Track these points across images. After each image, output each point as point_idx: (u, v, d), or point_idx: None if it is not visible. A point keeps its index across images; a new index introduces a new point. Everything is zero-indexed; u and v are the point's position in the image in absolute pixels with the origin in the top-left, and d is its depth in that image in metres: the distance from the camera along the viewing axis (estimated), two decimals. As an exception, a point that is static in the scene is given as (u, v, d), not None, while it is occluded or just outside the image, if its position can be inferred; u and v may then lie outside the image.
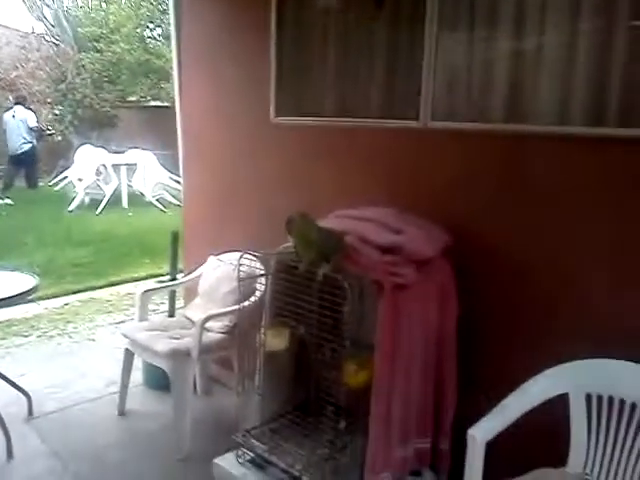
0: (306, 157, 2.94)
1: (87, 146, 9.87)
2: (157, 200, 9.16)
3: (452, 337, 2.28)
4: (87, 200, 9.22)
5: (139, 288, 3.46)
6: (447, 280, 2.26)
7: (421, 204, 2.45)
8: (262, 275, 2.35)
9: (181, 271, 3.80)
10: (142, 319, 3.13)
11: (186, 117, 3.69)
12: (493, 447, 1.78)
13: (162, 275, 5.40)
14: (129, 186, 9.43)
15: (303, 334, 2.17)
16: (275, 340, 2.35)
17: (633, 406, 1.78)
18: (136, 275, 5.79)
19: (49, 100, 12.20)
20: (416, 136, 2.50)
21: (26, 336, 4.27)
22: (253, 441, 2.32)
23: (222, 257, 3.26)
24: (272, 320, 2.38)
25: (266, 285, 2.41)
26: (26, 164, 10.19)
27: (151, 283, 4.83)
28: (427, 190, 2.48)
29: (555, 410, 1.87)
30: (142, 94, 13.86)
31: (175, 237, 3.47)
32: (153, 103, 13.59)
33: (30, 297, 3.05)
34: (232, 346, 2.97)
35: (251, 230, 3.24)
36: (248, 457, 2.32)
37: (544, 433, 1.92)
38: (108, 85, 12.87)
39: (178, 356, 2.75)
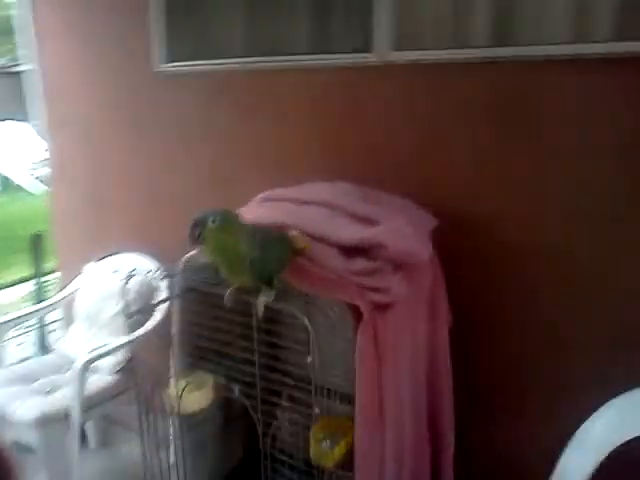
0: (212, 117, 2.09)
1: None
2: (38, 179, 7.76)
3: (445, 357, 1.61)
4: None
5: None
6: (436, 279, 1.57)
7: (386, 173, 1.73)
8: (163, 301, 1.54)
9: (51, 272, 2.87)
10: (-4, 366, 2.21)
11: (45, 76, 2.68)
12: None
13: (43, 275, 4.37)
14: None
15: (238, 396, 1.38)
16: (193, 396, 1.56)
17: None
18: (3, 281, 4.66)
19: None
20: (371, 75, 1.74)
21: None
22: None
23: (105, 262, 2.39)
24: (185, 364, 1.59)
25: (170, 310, 1.61)
26: None
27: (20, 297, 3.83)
28: (392, 152, 1.75)
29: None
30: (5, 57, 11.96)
31: (36, 241, 2.52)
32: (24, 67, 11.76)
33: None
34: (129, 388, 2.15)
35: (140, 221, 2.39)
36: None
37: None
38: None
39: (50, 423, 1.89)
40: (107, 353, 2.00)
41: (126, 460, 2.40)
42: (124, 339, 2.03)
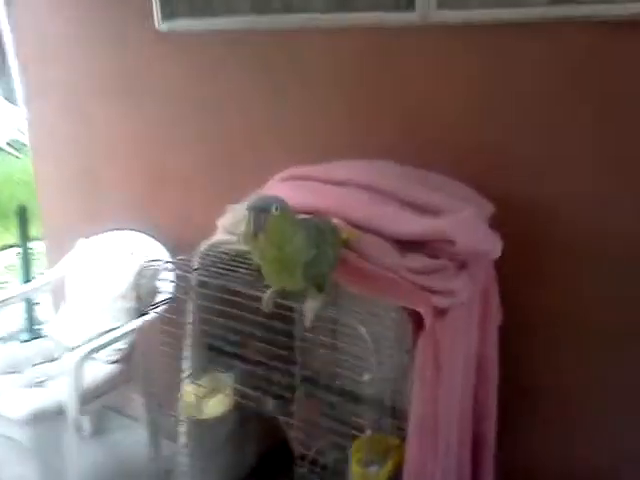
0: (221, 83, 1.83)
1: None
2: (8, 144, 7.40)
3: (493, 363, 1.44)
4: None
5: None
6: (489, 277, 1.38)
7: (428, 150, 1.51)
8: (176, 297, 1.34)
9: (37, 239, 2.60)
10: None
11: (19, 33, 2.37)
12: None
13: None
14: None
15: (272, 411, 1.18)
16: (210, 402, 1.38)
17: None
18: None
19: None
20: (411, 38, 1.50)
21: None
22: None
23: (99, 239, 2.17)
24: (199, 364, 1.41)
25: (181, 301, 1.41)
26: None
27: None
28: (437, 128, 1.52)
29: None
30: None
31: (23, 213, 2.28)
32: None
33: None
34: (130, 378, 1.97)
35: (138, 197, 2.15)
36: None
37: None
38: None
39: (43, 420, 1.70)
40: (108, 343, 1.79)
41: (125, 450, 2.24)
42: (126, 327, 1.83)
